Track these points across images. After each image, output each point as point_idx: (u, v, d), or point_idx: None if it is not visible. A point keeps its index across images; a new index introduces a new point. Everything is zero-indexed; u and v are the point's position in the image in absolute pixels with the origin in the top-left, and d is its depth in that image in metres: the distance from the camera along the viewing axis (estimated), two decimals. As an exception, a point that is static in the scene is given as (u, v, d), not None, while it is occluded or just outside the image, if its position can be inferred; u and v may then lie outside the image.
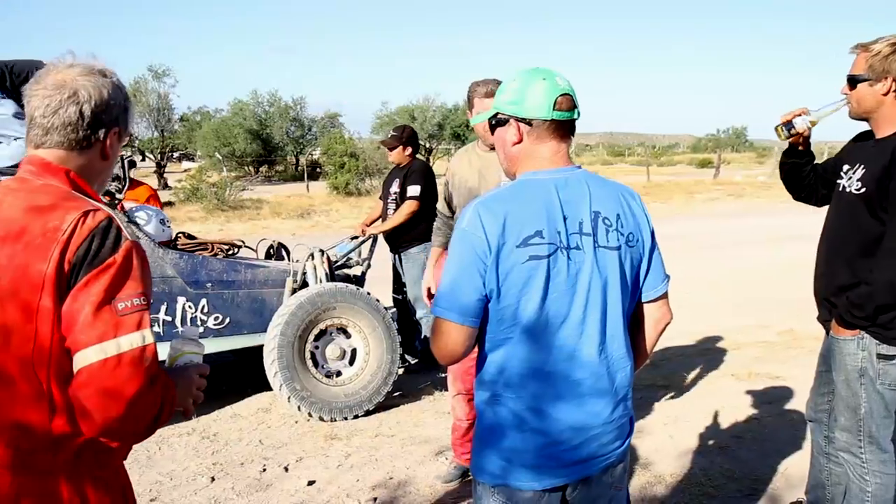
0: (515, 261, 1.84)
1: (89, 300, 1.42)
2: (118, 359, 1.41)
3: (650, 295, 2.06)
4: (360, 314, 5.12)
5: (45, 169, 1.57)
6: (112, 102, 1.60)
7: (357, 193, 22.61)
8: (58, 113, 1.54)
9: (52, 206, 1.50)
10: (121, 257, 1.47)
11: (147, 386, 1.44)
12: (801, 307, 7.90)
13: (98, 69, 1.61)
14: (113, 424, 1.42)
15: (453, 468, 3.99)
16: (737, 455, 4.22)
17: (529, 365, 1.92)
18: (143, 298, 1.48)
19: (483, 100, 3.48)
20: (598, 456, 2.00)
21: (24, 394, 1.47)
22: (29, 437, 1.49)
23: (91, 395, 1.40)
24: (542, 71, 1.98)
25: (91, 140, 1.59)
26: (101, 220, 1.49)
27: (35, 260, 1.44)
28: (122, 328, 1.43)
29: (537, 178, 1.93)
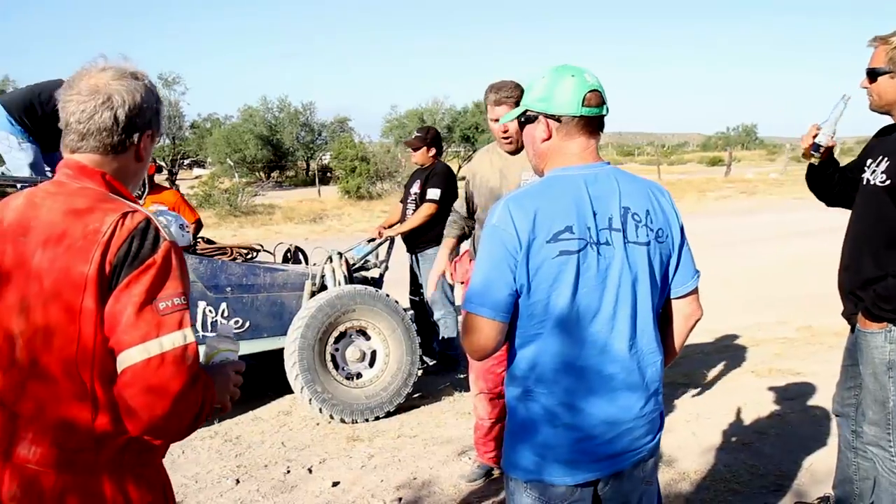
0: (546, 256, 1.85)
1: (131, 301, 1.44)
2: (161, 358, 1.43)
3: (680, 291, 2.06)
4: (379, 316, 5.14)
5: (81, 172, 1.59)
6: (145, 105, 1.61)
7: (368, 197, 22.67)
8: (93, 119, 1.55)
9: (90, 209, 1.52)
10: (160, 258, 1.49)
11: (190, 384, 1.46)
12: (818, 303, 7.91)
13: (130, 72, 1.62)
14: (158, 422, 1.44)
15: (477, 467, 3.99)
16: (760, 451, 4.20)
17: (561, 360, 1.92)
18: (182, 298, 1.50)
19: (493, 107, 3.51)
20: (630, 450, 2.00)
21: (68, 394, 1.50)
22: (73, 437, 1.51)
23: (136, 394, 1.43)
24: (571, 68, 1.99)
25: (126, 144, 1.61)
26: (140, 221, 1.51)
27: (77, 262, 1.46)
28: (164, 328, 1.45)
29: (567, 174, 1.94)
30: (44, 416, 1.52)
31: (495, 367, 3.77)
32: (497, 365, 3.77)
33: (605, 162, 1.99)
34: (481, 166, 3.76)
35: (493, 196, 3.64)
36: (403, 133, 33.36)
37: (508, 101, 3.46)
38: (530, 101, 2.01)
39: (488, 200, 3.66)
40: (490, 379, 3.80)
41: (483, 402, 3.87)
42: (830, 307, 2.67)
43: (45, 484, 1.52)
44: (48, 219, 1.53)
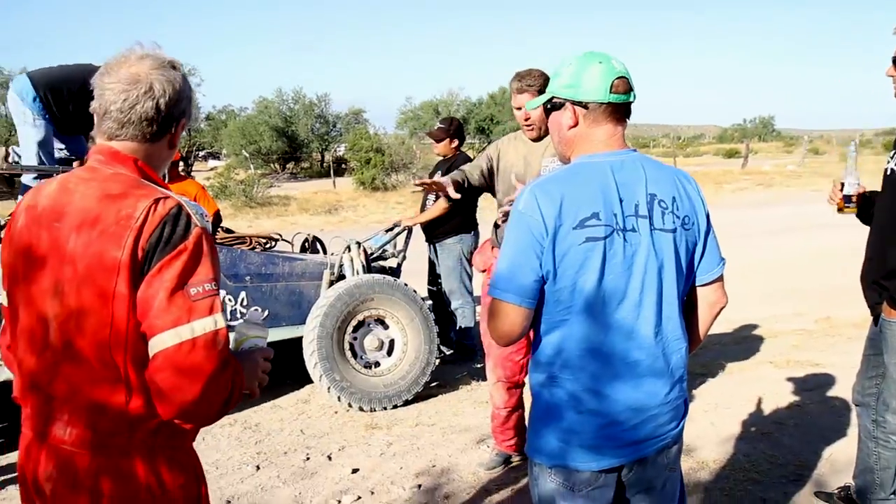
0: (572, 242, 1.86)
1: (163, 286, 1.46)
2: (192, 342, 1.45)
3: (705, 278, 2.06)
4: (397, 305, 5.16)
5: (113, 158, 1.60)
6: (182, 95, 1.64)
7: (383, 188, 22.69)
8: (135, 108, 1.57)
9: (123, 195, 1.53)
10: (192, 243, 1.51)
11: (220, 368, 1.48)
12: (836, 295, 7.88)
13: (168, 61, 1.63)
14: (189, 406, 1.46)
15: (495, 455, 4.01)
16: (779, 441, 4.20)
17: (586, 346, 1.93)
18: (213, 283, 1.52)
19: (516, 95, 3.52)
20: (654, 437, 2.01)
21: (102, 377, 1.52)
22: (107, 419, 1.53)
23: (167, 378, 1.45)
24: (598, 54, 1.99)
25: (163, 132, 1.64)
26: (172, 207, 1.53)
27: (110, 247, 1.48)
28: (196, 313, 1.47)
29: (593, 160, 1.94)
30: (78, 398, 1.54)
31: (513, 354, 3.78)
32: (515, 353, 3.78)
33: (631, 149, 1.99)
34: (507, 152, 3.77)
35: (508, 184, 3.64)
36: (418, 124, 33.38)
37: (531, 88, 3.47)
38: (557, 88, 2.01)
39: (510, 187, 3.66)
40: (508, 367, 3.82)
41: (500, 390, 3.89)
42: (849, 299, 2.65)
43: (80, 465, 1.55)
44: (82, 204, 1.55)
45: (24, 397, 1.65)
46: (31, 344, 1.59)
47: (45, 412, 1.59)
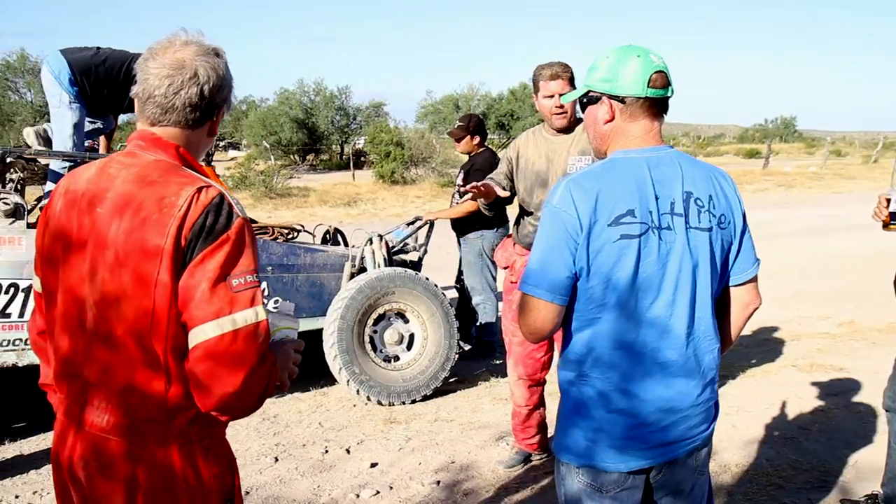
0: (606, 239, 1.82)
1: (206, 276, 1.45)
2: (234, 334, 1.44)
3: (739, 278, 2.02)
4: (418, 299, 5.14)
5: (155, 144, 1.59)
6: (225, 82, 1.63)
7: (403, 182, 22.65)
8: (179, 94, 1.56)
9: (166, 182, 1.52)
10: (234, 234, 1.49)
11: (260, 361, 1.47)
12: (860, 299, 7.79)
13: (212, 48, 1.62)
14: (228, 398, 1.45)
15: (515, 453, 3.98)
16: (803, 446, 4.14)
17: (618, 344, 1.90)
18: (255, 275, 1.51)
19: (548, 82, 3.46)
20: (685, 438, 1.97)
21: (142, 365, 1.51)
22: (145, 407, 1.52)
23: (207, 370, 1.44)
24: (636, 48, 1.95)
25: (204, 119, 1.63)
26: (214, 196, 1.52)
27: (153, 235, 1.47)
28: (237, 304, 1.46)
29: (629, 156, 1.90)
30: (115, 384, 1.53)
31: (535, 352, 3.75)
32: (536, 350, 3.75)
33: (668, 145, 1.95)
34: (527, 149, 3.71)
35: (538, 180, 3.60)
36: (438, 119, 33.31)
37: (564, 75, 3.44)
38: (594, 82, 1.98)
39: (534, 185, 3.63)
40: (529, 364, 3.78)
41: (521, 388, 3.85)
42: (873, 303, 2.57)
43: (116, 451, 1.54)
44: (123, 189, 1.54)
45: (59, 383, 1.64)
46: (68, 329, 1.58)
47: (80, 398, 1.58)
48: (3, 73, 28.15)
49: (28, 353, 4.19)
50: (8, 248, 4.14)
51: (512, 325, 3.79)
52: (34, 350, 1.84)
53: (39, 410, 4.73)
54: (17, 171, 5.13)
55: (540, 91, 3.51)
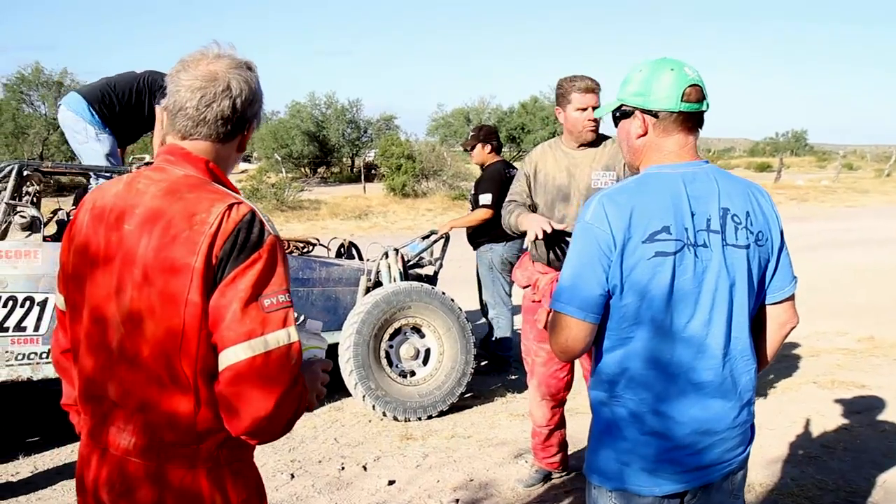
0: (641, 256, 1.78)
1: (237, 296, 1.41)
2: (266, 356, 1.40)
3: (776, 297, 1.97)
4: (435, 314, 5.09)
5: (184, 158, 1.56)
6: (256, 97, 1.60)
7: (414, 195, 22.64)
8: (211, 106, 1.53)
9: (196, 198, 1.49)
10: (266, 252, 1.46)
11: (292, 383, 1.43)
12: (879, 314, 7.69)
13: (245, 62, 1.60)
14: (260, 423, 1.41)
15: (535, 472, 3.91)
16: (828, 465, 4.06)
17: (652, 364, 1.85)
18: (287, 295, 1.47)
19: (583, 95, 3.40)
20: (721, 462, 1.92)
21: (170, 387, 1.46)
22: (174, 430, 1.48)
23: (238, 393, 1.39)
24: (670, 61, 1.91)
25: (235, 133, 1.60)
26: (245, 213, 1.48)
27: (183, 252, 1.43)
28: (269, 325, 1.42)
29: (664, 171, 1.86)
30: (142, 406, 1.49)
31: (558, 371, 3.68)
32: (560, 370, 3.68)
33: (704, 160, 1.91)
34: (545, 163, 3.64)
35: (560, 195, 3.55)
36: (449, 132, 33.36)
37: (598, 88, 3.42)
38: (626, 96, 1.94)
39: (555, 199, 3.57)
40: (553, 384, 3.70)
41: (543, 408, 3.77)
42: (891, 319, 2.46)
43: (142, 475, 1.50)
44: (152, 206, 1.50)
45: (84, 404, 1.60)
46: (93, 348, 1.54)
47: (105, 420, 1.54)
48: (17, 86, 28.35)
49: (43, 367, 4.16)
50: (25, 261, 4.12)
51: (534, 345, 3.70)
52: (56, 370, 1.80)
53: (54, 425, 4.69)
54: (33, 185, 5.12)
55: (571, 104, 3.45)
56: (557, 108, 3.55)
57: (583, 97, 3.41)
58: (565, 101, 3.47)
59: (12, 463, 4.28)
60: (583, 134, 3.47)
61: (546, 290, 3.48)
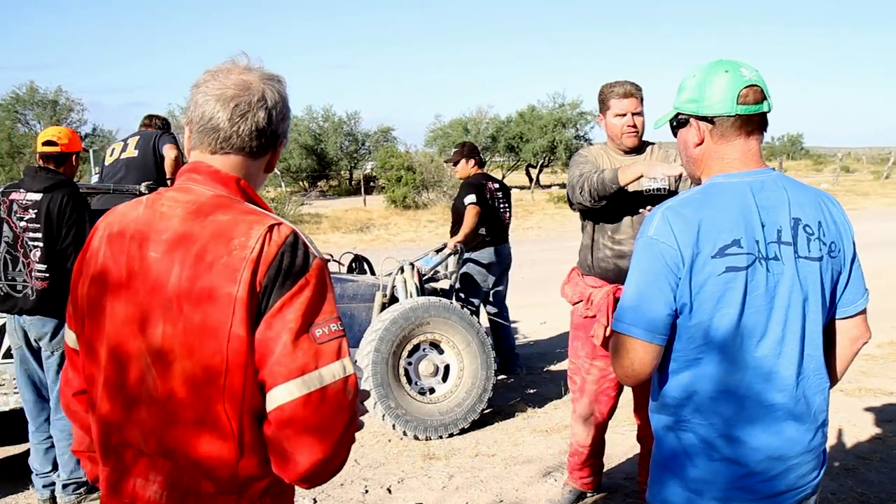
0: (711, 272, 1.67)
1: (286, 327, 1.28)
2: (322, 393, 1.27)
3: (849, 311, 1.86)
4: (454, 329, 4.97)
5: (213, 177, 1.42)
6: (287, 112, 1.49)
7: (415, 207, 22.57)
8: (246, 116, 1.40)
9: (233, 221, 1.35)
10: (314, 277, 1.33)
11: (350, 420, 1.31)
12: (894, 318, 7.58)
13: (274, 75, 1.48)
14: (318, 467, 1.29)
15: (568, 492, 3.78)
16: (866, 477, 3.95)
17: (722, 387, 1.74)
18: (339, 323, 1.34)
19: (621, 100, 3.30)
20: (794, 488, 1.81)
21: (210, 433, 1.32)
22: (212, 480, 1.34)
23: (294, 436, 1.26)
24: (725, 63, 1.81)
25: (267, 149, 1.47)
26: (288, 234, 1.35)
27: (223, 282, 1.29)
28: (323, 358, 1.29)
29: (730, 181, 1.75)
30: (174, 454, 1.35)
31: (610, 390, 3.51)
32: (612, 388, 3.52)
33: (770, 168, 1.80)
34: (601, 161, 3.47)
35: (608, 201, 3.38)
36: (447, 142, 33.30)
37: (637, 93, 3.30)
38: (681, 103, 1.84)
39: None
40: (604, 402, 3.54)
41: (589, 427, 3.60)
42: None
43: None
44: (182, 230, 1.35)
45: (103, 452, 1.44)
46: (114, 390, 1.39)
47: (129, 470, 1.39)
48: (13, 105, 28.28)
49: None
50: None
51: (586, 363, 3.53)
52: (66, 414, 1.63)
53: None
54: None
55: (611, 109, 3.34)
56: (599, 115, 3.44)
57: (620, 102, 3.31)
58: (605, 107, 3.36)
59: (23, 494, 4.15)
60: (623, 139, 3.36)
61: (602, 305, 3.34)
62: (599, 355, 3.47)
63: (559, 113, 32.99)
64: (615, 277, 3.35)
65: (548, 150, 32.38)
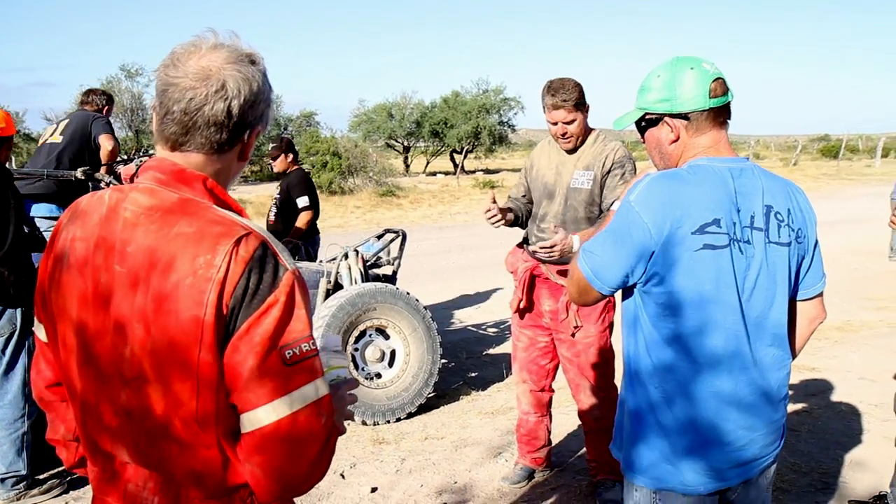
0: (688, 247, 1.77)
1: (252, 350, 1.21)
2: (293, 418, 1.22)
3: (808, 293, 1.99)
4: (400, 314, 5.01)
5: (178, 178, 1.32)
6: (261, 98, 1.35)
7: (341, 192, 22.38)
8: (202, 110, 1.29)
9: (198, 234, 1.25)
10: (284, 294, 1.24)
11: (326, 441, 1.27)
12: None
13: (246, 54, 1.35)
14: (292, 491, 1.28)
15: (519, 469, 3.89)
16: (797, 448, 4.18)
17: (695, 364, 1.84)
18: (311, 342, 1.27)
19: (552, 112, 3.34)
20: (760, 457, 1.94)
21: (193, 448, 1.29)
22: (201, 487, 1.32)
23: (266, 463, 1.24)
24: (686, 59, 1.90)
25: (234, 142, 1.35)
26: (255, 248, 1.25)
27: (188, 304, 1.21)
28: (294, 380, 1.23)
29: (713, 164, 1.84)
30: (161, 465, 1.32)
31: (539, 358, 3.71)
32: (541, 357, 3.71)
33: (745, 158, 1.91)
34: (539, 159, 3.63)
35: (546, 192, 3.53)
36: (372, 127, 33.12)
37: (566, 104, 3.29)
38: (648, 104, 1.91)
39: (542, 196, 3.56)
40: (535, 371, 3.74)
41: (527, 394, 3.81)
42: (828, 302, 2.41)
43: None
44: (147, 244, 1.26)
45: (91, 455, 1.41)
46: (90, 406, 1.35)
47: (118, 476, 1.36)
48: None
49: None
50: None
51: (517, 329, 3.77)
52: (41, 406, 1.57)
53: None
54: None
55: (547, 116, 3.39)
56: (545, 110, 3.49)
57: (550, 114, 3.36)
58: (543, 108, 3.42)
59: None
60: (559, 143, 3.46)
61: (521, 279, 3.57)
62: (528, 324, 3.71)
63: (483, 99, 33.19)
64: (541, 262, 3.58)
65: (472, 136, 32.54)
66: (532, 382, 3.76)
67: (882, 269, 10.19)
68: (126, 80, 29.88)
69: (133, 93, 30.02)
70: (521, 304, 3.65)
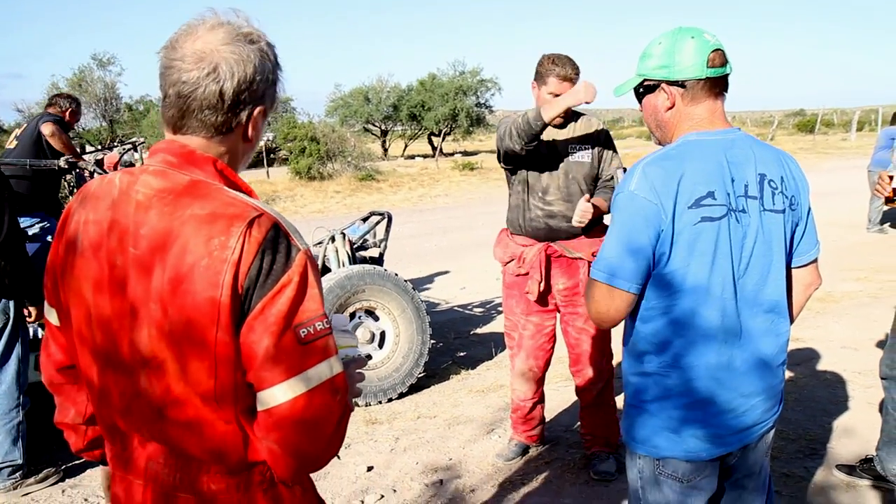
0: (687, 222, 1.79)
1: (267, 330, 1.22)
2: (308, 396, 1.24)
3: (803, 259, 2.02)
4: (388, 296, 5.02)
5: (188, 160, 1.33)
6: (258, 78, 1.33)
7: (320, 178, 22.26)
8: (194, 94, 1.30)
9: (211, 216, 1.26)
10: (297, 275, 1.25)
11: (341, 418, 1.29)
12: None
13: (244, 33, 1.33)
14: (308, 467, 1.30)
15: (514, 446, 3.92)
16: (785, 416, 4.23)
17: (694, 333, 1.87)
18: (325, 320, 1.28)
19: (561, 82, 3.31)
20: (759, 422, 1.97)
21: (212, 427, 1.31)
22: (223, 462, 1.34)
23: (283, 439, 1.26)
24: (689, 29, 1.92)
25: (231, 124, 1.35)
26: (268, 229, 1.26)
27: (204, 286, 1.23)
28: (309, 359, 1.24)
29: (703, 138, 1.87)
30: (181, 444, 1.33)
31: (545, 343, 3.69)
32: (547, 342, 3.70)
33: (736, 128, 1.93)
34: None
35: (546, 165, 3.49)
36: (349, 112, 32.90)
37: (576, 77, 3.31)
38: (648, 70, 1.93)
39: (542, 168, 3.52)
40: (540, 357, 3.72)
41: (526, 383, 3.78)
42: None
43: None
44: (161, 227, 1.27)
45: (109, 434, 1.43)
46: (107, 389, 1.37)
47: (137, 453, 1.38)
48: None
49: None
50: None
51: (522, 319, 3.69)
52: (50, 389, 1.58)
53: None
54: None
55: (547, 86, 3.35)
56: (534, 83, 3.46)
57: (560, 85, 3.32)
58: (542, 81, 3.38)
59: None
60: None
61: (535, 262, 3.50)
62: (534, 311, 3.64)
63: (460, 81, 33.05)
64: (546, 236, 3.53)
65: (449, 118, 32.43)
66: (538, 369, 3.76)
67: (861, 240, 10.34)
68: (98, 70, 29.47)
69: (106, 82, 29.68)
70: (541, 288, 3.55)
